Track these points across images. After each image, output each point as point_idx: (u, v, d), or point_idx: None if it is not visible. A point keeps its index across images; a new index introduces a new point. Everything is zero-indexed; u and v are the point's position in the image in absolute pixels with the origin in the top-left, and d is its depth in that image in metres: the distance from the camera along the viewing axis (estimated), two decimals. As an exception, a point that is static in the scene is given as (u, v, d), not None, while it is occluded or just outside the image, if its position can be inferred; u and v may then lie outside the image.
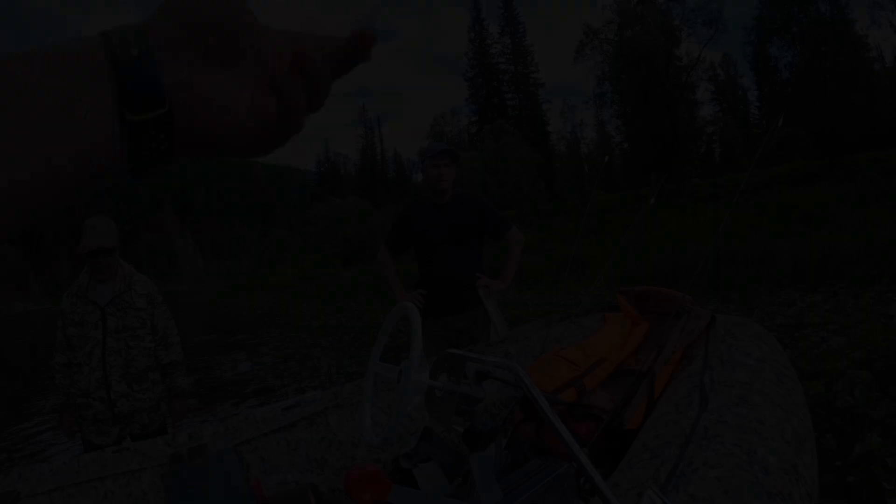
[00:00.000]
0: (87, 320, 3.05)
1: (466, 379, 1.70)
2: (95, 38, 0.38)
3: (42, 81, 0.35)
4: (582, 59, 34.38)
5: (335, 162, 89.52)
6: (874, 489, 2.73)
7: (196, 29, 0.39)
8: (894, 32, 28.24)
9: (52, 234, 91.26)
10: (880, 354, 4.78)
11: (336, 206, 48.72)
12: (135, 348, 3.10)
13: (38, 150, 0.34)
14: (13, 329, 30.49)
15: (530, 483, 1.29)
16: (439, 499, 1.56)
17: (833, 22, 26.10)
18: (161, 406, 3.25)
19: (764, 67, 30.20)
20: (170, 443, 2.28)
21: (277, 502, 2.04)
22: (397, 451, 2.48)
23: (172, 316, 3.30)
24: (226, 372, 8.42)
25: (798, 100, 27.61)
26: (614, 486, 1.42)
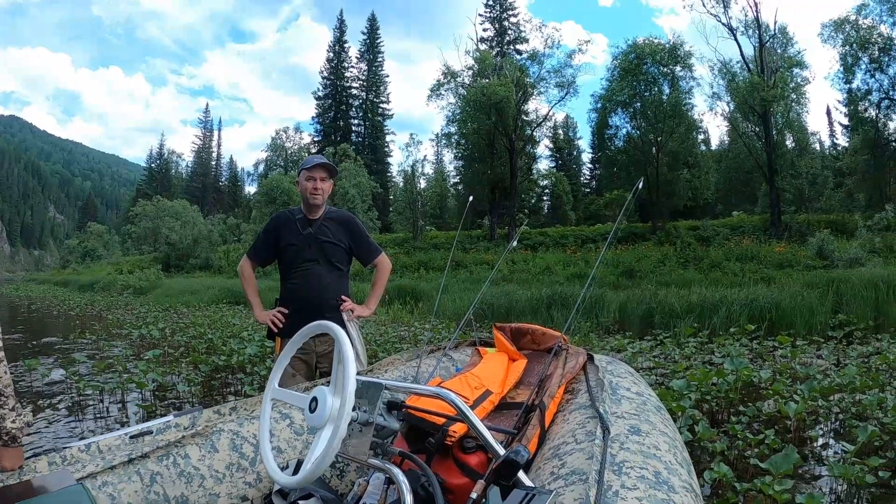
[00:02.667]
0: None
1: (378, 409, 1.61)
2: None
3: None
4: (436, 98, 35.17)
5: (168, 160, 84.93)
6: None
7: None
8: (724, 120, 31.37)
9: None
10: (712, 396, 5.22)
11: (163, 207, 46.21)
12: None
13: None
14: None
15: None
16: None
17: (673, 103, 28.65)
18: None
19: (602, 134, 32.46)
20: None
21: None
22: (267, 487, 2.25)
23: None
24: (35, 380, 7.49)
25: (630, 167, 29.88)
26: None
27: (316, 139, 60.58)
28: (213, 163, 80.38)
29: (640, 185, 3.35)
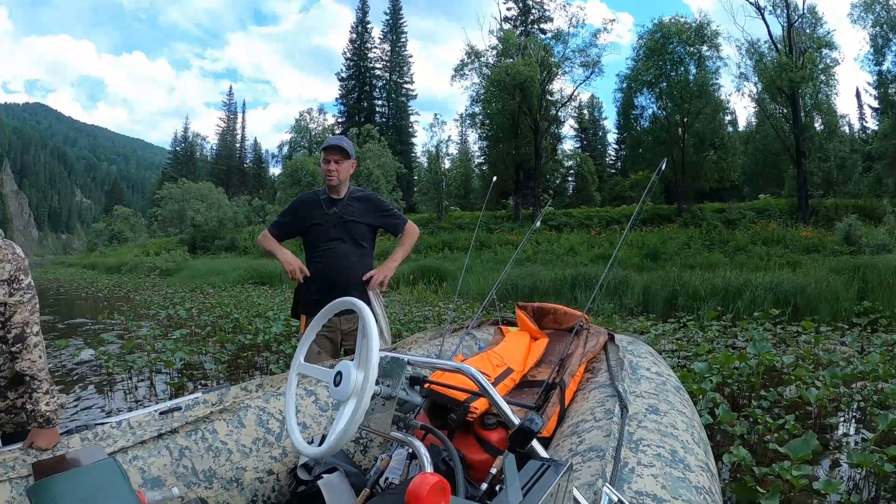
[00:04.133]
0: None
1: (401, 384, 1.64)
2: None
3: None
4: (459, 78, 34.96)
5: (192, 143, 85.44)
6: (749, 496, 2.98)
7: None
8: (752, 101, 30.85)
9: None
10: (734, 379, 5.23)
11: (188, 189, 46.57)
12: (4, 353, 2.16)
13: None
14: None
15: (543, 484, 1.23)
16: None
17: (700, 84, 28.23)
18: None
19: (628, 115, 32.10)
20: (29, 451, 1.94)
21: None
22: (292, 462, 2.30)
23: (37, 305, 2.21)
24: (65, 360, 7.66)
25: (656, 148, 29.55)
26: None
27: (340, 120, 60.42)
28: (238, 145, 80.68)
29: (665, 165, 3.35)
